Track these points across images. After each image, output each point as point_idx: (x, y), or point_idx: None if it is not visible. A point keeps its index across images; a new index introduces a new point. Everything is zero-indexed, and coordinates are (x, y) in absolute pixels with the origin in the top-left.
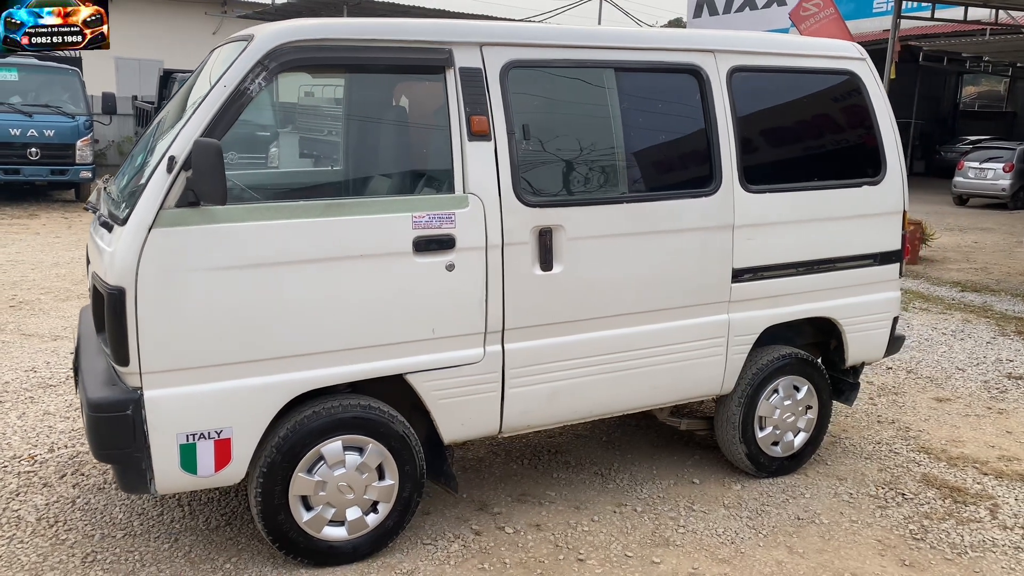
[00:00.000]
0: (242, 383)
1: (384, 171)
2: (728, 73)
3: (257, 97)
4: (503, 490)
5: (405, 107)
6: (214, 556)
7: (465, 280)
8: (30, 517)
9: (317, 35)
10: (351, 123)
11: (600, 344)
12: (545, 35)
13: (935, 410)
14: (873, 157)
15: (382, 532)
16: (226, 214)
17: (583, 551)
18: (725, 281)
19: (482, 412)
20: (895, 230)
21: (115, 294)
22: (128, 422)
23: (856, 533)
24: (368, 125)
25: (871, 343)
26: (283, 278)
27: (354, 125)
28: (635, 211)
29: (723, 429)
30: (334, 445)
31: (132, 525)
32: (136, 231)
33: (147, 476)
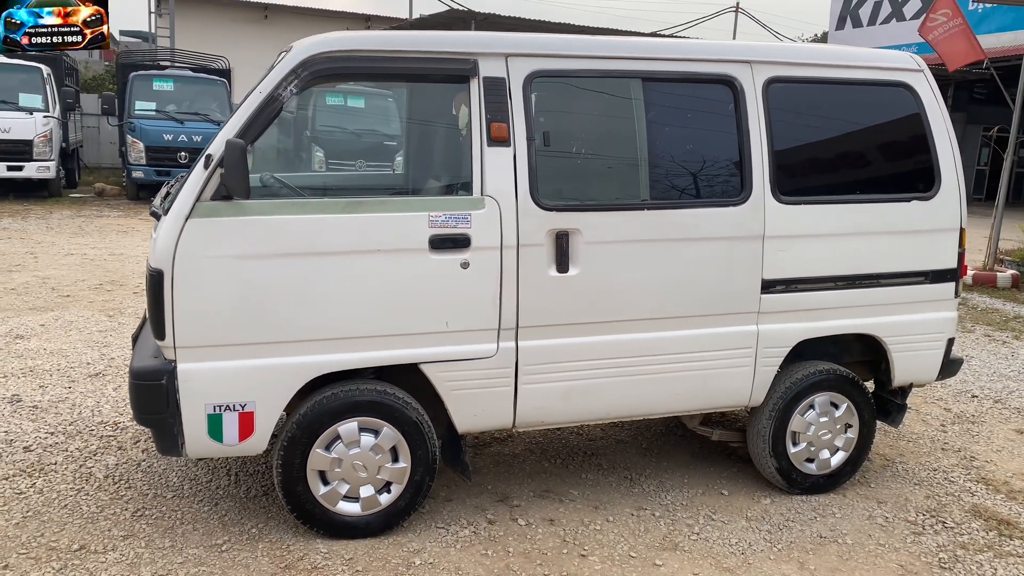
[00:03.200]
0: (265, 362)
1: (409, 172)
2: (765, 83)
3: (289, 103)
4: (528, 485)
5: (458, 116)
6: (244, 521)
7: (479, 278)
8: (99, 474)
9: (348, 46)
10: (385, 129)
11: (618, 347)
12: (571, 46)
13: (1012, 442)
14: (926, 172)
15: (394, 511)
16: (257, 208)
17: (588, 547)
18: (754, 292)
19: (495, 405)
20: (950, 248)
21: (155, 275)
22: (163, 391)
23: (879, 556)
24: (398, 130)
25: (921, 364)
26: (306, 268)
27: (385, 131)
28: (656, 218)
29: (754, 442)
30: (350, 426)
31: (183, 488)
32: (175, 220)
33: (179, 441)
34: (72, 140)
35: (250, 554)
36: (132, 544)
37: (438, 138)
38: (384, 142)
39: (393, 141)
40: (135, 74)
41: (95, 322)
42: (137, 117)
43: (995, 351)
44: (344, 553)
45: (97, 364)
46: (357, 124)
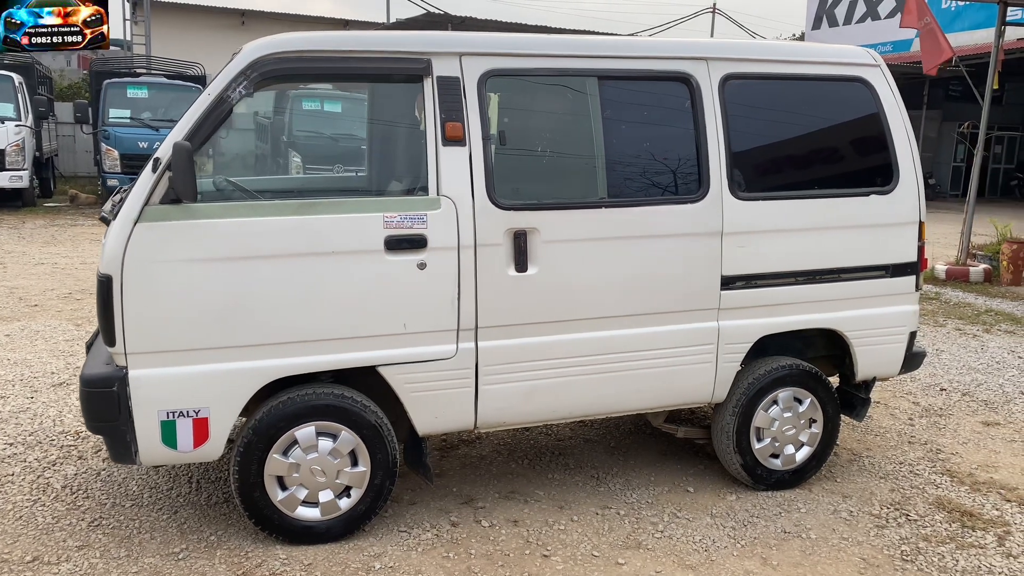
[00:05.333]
0: (218, 367)
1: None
2: (721, 80)
3: (239, 104)
4: (493, 486)
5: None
6: (203, 528)
7: (437, 279)
8: (57, 484)
9: (299, 47)
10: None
11: (579, 345)
12: (525, 45)
13: (978, 434)
14: (884, 166)
15: (354, 516)
16: (207, 211)
17: (551, 547)
18: (713, 288)
19: (455, 406)
20: (910, 241)
21: (104, 281)
22: (114, 397)
23: (842, 550)
24: (353, 131)
25: (884, 358)
26: (258, 271)
27: (341, 132)
28: (614, 216)
29: (718, 438)
30: (307, 430)
31: (142, 497)
32: (123, 225)
33: (132, 449)
34: (46, 149)
35: (207, 562)
36: (87, 555)
37: (396, 139)
38: (361, 146)
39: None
40: (109, 81)
41: (62, 331)
42: (111, 125)
43: (965, 344)
44: (303, 559)
45: (62, 374)
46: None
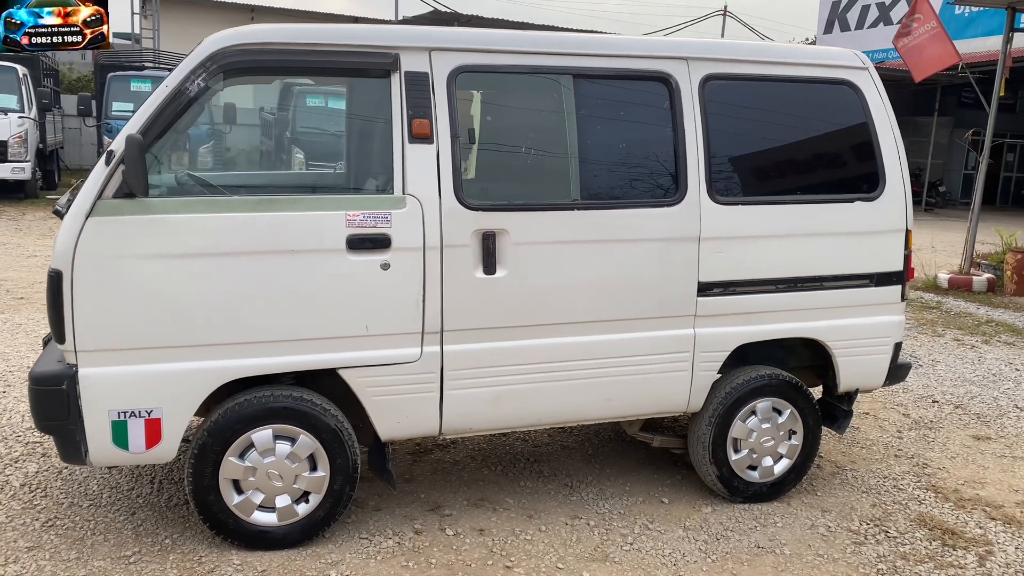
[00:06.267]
0: (171, 367)
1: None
2: (702, 81)
3: (199, 98)
4: (463, 493)
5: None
6: (159, 531)
7: (401, 280)
8: (16, 482)
9: (261, 39)
10: (302, 125)
11: (549, 351)
12: (498, 40)
13: (968, 448)
14: (870, 172)
15: (313, 522)
16: (161, 206)
17: (514, 558)
18: (690, 294)
19: (419, 411)
20: (896, 249)
21: (54, 277)
22: (63, 396)
23: (816, 567)
24: (317, 126)
25: (867, 369)
26: (213, 269)
27: (305, 126)
28: (587, 219)
29: (694, 449)
30: (264, 433)
31: (101, 497)
32: (74, 219)
33: (82, 449)
34: (51, 141)
35: (159, 566)
36: (36, 556)
37: (367, 136)
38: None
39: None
40: (112, 75)
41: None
42: (115, 118)
43: (962, 356)
44: (258, 565)
45: None
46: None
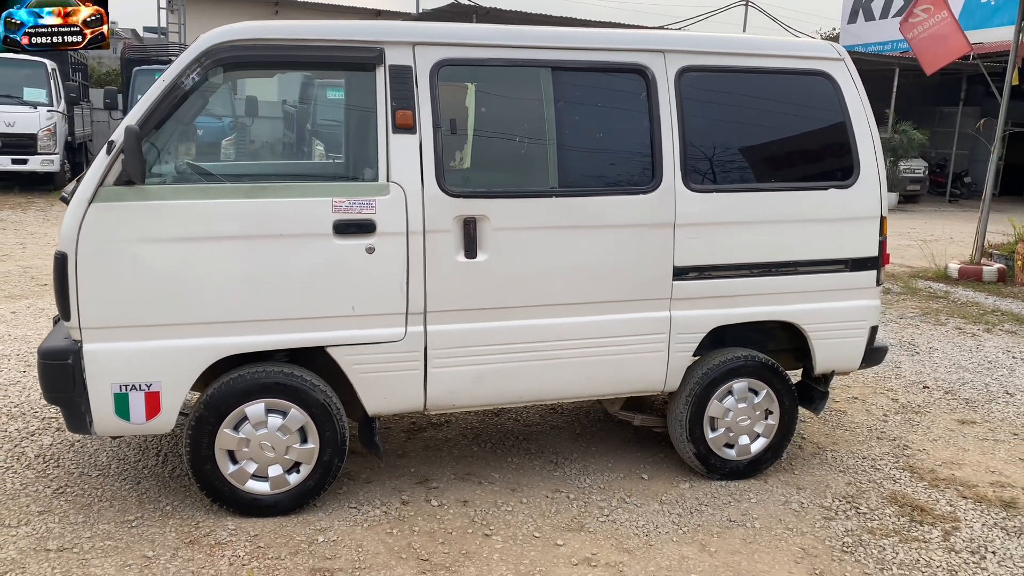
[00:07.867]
0: (169, 343)
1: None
2: (678, 73)
3: (193, 91)
4: (451, 468)
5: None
6: (161, 499)
7: (385, 263)
8: (31, 454)
9: (253, 35)
10: (292, 115)
11: (529, 331)
12: (478, 35)
13: (951, 432)
14: (844, 160)
15: (303, 491)
16: (158, 192)
17: (493, 527)
18: (665, 278)
19: (404, 388)
20: (871, 236)
21: (59, 258)
22: (69, 370)
23: (783, 540)
24: (305, 117)
25: (843, 352)
26: (209, 252)
27: (294, 117)
28: (565, 205)
29: (673, 427)
30: (256, 407)
31: (110, 468)
32: (78, 205)
33: (87, 419)
34: (80, 134)
35: (159, 530)
36: (46, 519)
37: (358, 127)
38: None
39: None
40: (137, 68)
41: None
42: None
43: (961, 344)
44: (251, 530)
45: None
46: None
